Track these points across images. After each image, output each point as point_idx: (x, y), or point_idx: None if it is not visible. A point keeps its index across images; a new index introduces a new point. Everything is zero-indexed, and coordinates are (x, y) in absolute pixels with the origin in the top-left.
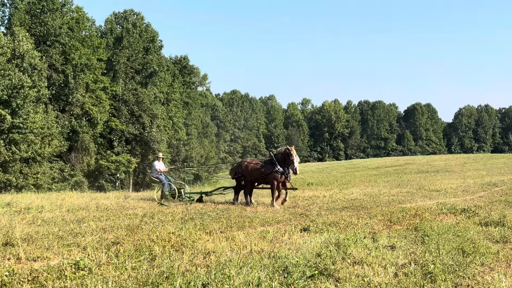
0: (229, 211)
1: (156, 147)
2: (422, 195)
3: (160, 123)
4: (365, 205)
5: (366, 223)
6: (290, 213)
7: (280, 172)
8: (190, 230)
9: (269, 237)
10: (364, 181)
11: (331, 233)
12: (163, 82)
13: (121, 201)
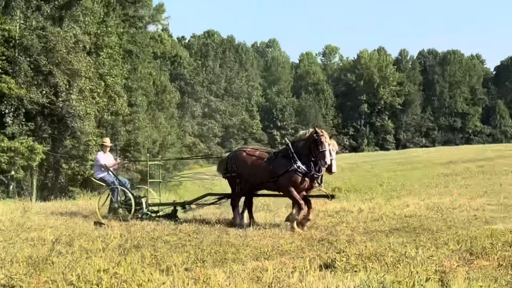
0: (199, 234)
1: (78, 125)
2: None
3: (84, 85)
4: (429, 225)
5: (430, 256)
6: (303, 238)
7: (301, 171)
8: (134, 266)
9: (266, 279)
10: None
11: (372, 272)
12: (90, 17)
13: (18, 217)
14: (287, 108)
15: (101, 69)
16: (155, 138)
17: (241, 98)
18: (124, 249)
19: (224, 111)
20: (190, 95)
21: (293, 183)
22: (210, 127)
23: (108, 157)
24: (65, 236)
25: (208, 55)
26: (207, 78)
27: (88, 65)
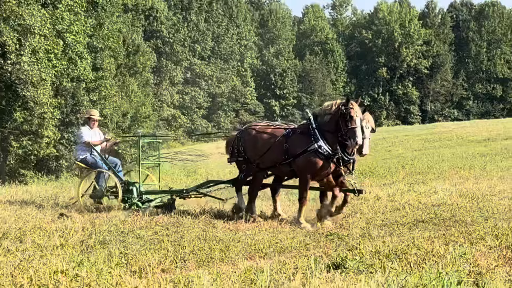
0: (180, 227)
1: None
2: None
3: (38, 45)
4: (462, 216)
5: (462, 254)
6: (307, 233)
7: (323, 152)
8: (100, 267)
9: (262, 282)
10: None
11: (391, 273)
12: None
13: None
14: (288, 73)
15: (59, 25)
16: (125, 110)
17: (231, 61)
18: (87, 246)
19: (210, 77)
20: (168, 57)
21: (312, 166)
22: (194, 97)
23: (95, 134)
24: (14, 230)
25: (190, 7)
26: (190, 36)
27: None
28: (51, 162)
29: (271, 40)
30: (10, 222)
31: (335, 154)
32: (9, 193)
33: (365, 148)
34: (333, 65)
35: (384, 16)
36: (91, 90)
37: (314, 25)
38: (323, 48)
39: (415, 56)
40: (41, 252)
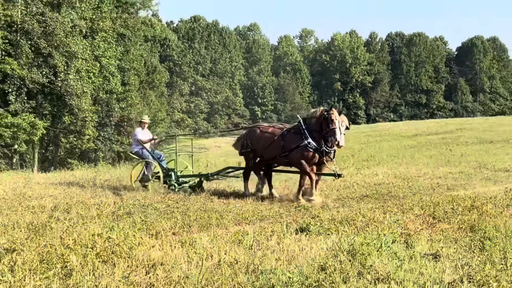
0: (186, 202)
1: (75, 103)
2: (482, 177)
3: (80, 66)
4: (396, 192)
5: (396, 220)
6: (281, 205)
7: (312, 147)
8: (126, 231)
9: (247, 242)
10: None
11: (343, 235)
12: (86, 3)
13: (21, 187)
14: (267, 86)
15: (96, 51)
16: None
17: (225, 77)
18: (117, 215)
19: (209, 89)
20: (178, 75)
21: (304, 157)
22: (197, 104)
23: (145, 133)
24: (63, 204)
25: (194, 38)
26: (194, 59)
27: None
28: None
29: (254, 62)
30: (60, 198)
31: (320, 148)
32: (60, 177)
33: (341, 141)
34: (300, 81)
35: (339, 44)
36: (121, 100)
37: (286, 50)
38: (293, 68)
39: (361, 74)
40: (82, 220)
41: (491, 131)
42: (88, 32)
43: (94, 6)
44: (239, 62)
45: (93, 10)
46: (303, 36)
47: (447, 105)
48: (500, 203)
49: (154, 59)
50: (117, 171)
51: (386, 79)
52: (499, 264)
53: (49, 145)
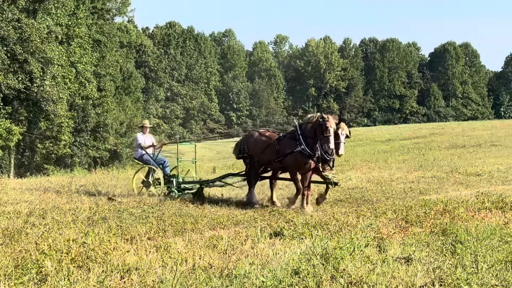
0: (162, 207)
1: (51, 108)
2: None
3: (56, 72)
4: (369, 197)
5: (369, 224)
6: (255, 210)
7: (306, 153)
8: (101, 236)
9: (222, 246)
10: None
11: (316, 239)
12: (62, 10)
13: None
14: (242, 92)
15: (72, 57)
16: (122, 120)
17: (200, 83)
18: (92, 221)
19: (185, 95)
20: (154, 80)
21: (297, 164)
22: (173, 110)
23: (147, 138)
24: (38, 210)
25: (170, 44)
26: (169, 65)
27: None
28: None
29: (229, 68)
30: (35, 204)
31: (315, 155)
32: (36, 182)
33: (340, 149)
34: (275, 86)
35: (313, 49)
36: (97, 105)
37: (261, 56)
38: (268, 74)
39: (335, 79)
40: (58, 225)
41: (463, 136)
42: (64, 38)
43: (70, 13)
44: (214, 67)
45: (69, 17)
46: (278, 42)
47: (420, 110)
48: (471, 207)
49: (129, 65)
50: (93, 176)
51: (360, 84)
52: (470, 268)
53: (25, 151)
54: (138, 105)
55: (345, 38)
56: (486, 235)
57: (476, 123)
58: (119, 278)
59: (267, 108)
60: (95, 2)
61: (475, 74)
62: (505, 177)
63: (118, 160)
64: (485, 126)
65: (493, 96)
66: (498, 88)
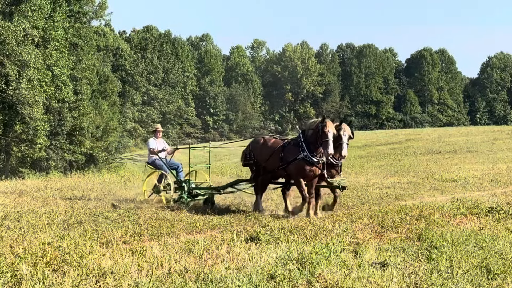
0: (137, 210)
1: (27, 112)
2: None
3: (33, 75)
4: (345, 202)
5: (345, 229)
6: (231, 215)
7: (309, 160)
8: (77, 240)
9: (198, 250)
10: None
11: (292, 244)
12: (38, 12)
13: None
14: (218, 96)
15: (48, 60)
16: (98, 124)
17: (177, 87)
18: (68, 224)
19: (161, 99)
20: (130, 84)
21: (300, 171)
22: (149, 114)
23: (159, 143)
24: (13, 213)
25: (147, 48)
26: (146, 69)
27: (36, 57)
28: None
29: (206, 72)
30: (10, 207)
31: (318, 161)
32: (11, 186)
33: (343, 150)
34: (252, 91)
35: (290, 54)
36: (73, 109)
37: (238, 61)
38: (245, 78)
39: (312, 84)
40: (33, 229)
41: (439, 142)
42: (41, 41)
43: (46, 16)
44: (191, 72)
45: (46, 19)
46: (255, 47)
47: (397, 116)
48: (447, 213)
49: (106, 69)
50: (68, 180)
51: (336, 90)
52: (445, 273)
53: (0, 154)
54: (114, 109)
55: (322, 44)
56: (461, 241)
57: (452, 129)
58: (95, 282)
59: (244, 113)
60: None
61: (451, 80)
62: (480, 183)
63: (94, 164)
64: (460, 132)
65: (469, 103)
66: (474, 95)
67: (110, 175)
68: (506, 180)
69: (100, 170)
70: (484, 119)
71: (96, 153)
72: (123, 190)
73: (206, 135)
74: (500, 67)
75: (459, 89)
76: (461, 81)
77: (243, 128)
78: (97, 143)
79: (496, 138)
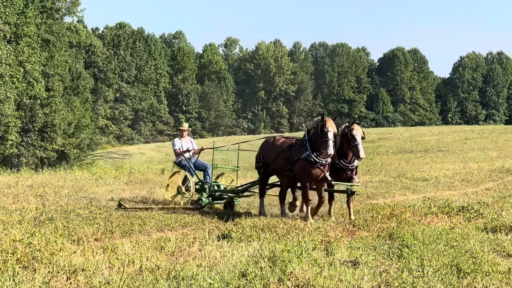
0: (109, 208)
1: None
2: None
3: (4, 71)
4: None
5: (317, 228)
6: (203, 213)
7: (312, 160)
8: (48, 237)
9: (169, 248)
10: None
11: (264, 242)
12: (10, 8)
13: None
14: (191, 94)
15: (20, 56)
16: (70, 120)
17: (150, 85)
18: (39, 221)
19: (134, 96)
20: (103, 81)
21: (304, 172)
22: (121, 111)
23: (185, 142)
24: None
25: (120, 45)
26: (119, 66)
27: (8, 53)
28: (13, 159)
29: (179, 69)
30: None
31: (321, 162)
32: None
33: (360, 152)
34: (225, 89)
35: (263, 53)
36: (45, 105)
37: (211, 59)
38: (218, 76)
39: (285, 83)
40: (3, 226)
41: (411, 141)
42: (12, 37)
43: (18, 11)
44: (164, 69)
45: (18, 15)
46: (228, 44)
47: (369, 115)
48: (418, 212)
49: (79, 65)
50: (40, 176)
51: (309, 88)
52: (416, 272)
53: None
54: (86, 105)
55: (295, 42)
56: (432, 240)
57: (423, 129)
58: (65, 279)
59: (217, 111)
60: (44, 1)
61: (423, 80)
62: (451, 182)
63: (65, 161)
64: (432, 131)
65: (440, 102)
66: (445, 94)
67: (82, 172)
68: (477, 179)
69: (72, 167)
70: (456, 119)
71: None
72: (95, 187)
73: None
74: (472, 67)
75: (431, 89)
76: (433, 80)
77: (215, 126)
78: (69, 140)
79: (467, 138)
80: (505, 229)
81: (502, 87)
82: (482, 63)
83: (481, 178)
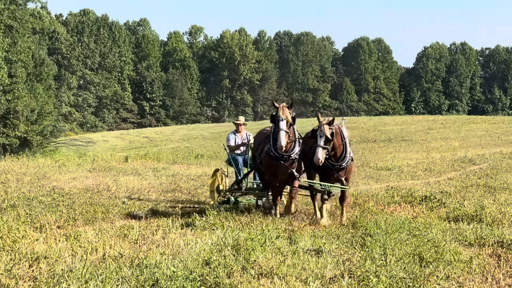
0: (72, 196)
1: None
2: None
3: None
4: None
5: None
6: (166, 200)
7: (272, 155)
8: (10, 224)
9: (132, 236)
10: None
11: (228, 230)
12: None
13: None
14: (155, 82)
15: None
16: (33, 107)
17: (113, 72)
18: (1, 208)
19: (98, 84)
20: (66, 68)
21: (266, 167)
22: (85, 98)
23: (240, 138)
24: None
25: (83, 31)
26: (83, 53)
27: None
28: None
29: (143, 57)
30: None
31: (283, 156)
32: None
33: (315, 155)
34: (189, 77)
35: (228, 41)
36: (7, 92)
37: (176, 46)
38: (182, 64)
39: (249, 71)
40: None
41: (374, 131)
42: None
43: None
44: (128, 57)
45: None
46: (193, 32)
47: (333, 104)
48: (381, 201)
49: (42, 52)
50: (2, 163)
51: (273, 77)
52: (379, 260)
53: None
54: (50, 92)
55: (260, 31)
56: (395, 229)
57: (387, 118)
58: (28, 267)
59: (181, 99)
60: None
61: (387, 69)
62: (414, 172)
63: (28, 148)
64: (396, 121)
65: (404, 92)
66: (409, 84)
67: (45, 159)
68: (440, 169)
69: (35, 154)
70: (419, 109)
71: (30, 136)
72: (58, 174)
73: (143, 121)
74: (436, 57)
75: (395, 79)
76: (397, 70)
77: (179, 113)
78: (32, 127)
79: (430, 128)
80: (467, 219)
81: (465, 78)
82: (446, 54)
83: (443, 167)
